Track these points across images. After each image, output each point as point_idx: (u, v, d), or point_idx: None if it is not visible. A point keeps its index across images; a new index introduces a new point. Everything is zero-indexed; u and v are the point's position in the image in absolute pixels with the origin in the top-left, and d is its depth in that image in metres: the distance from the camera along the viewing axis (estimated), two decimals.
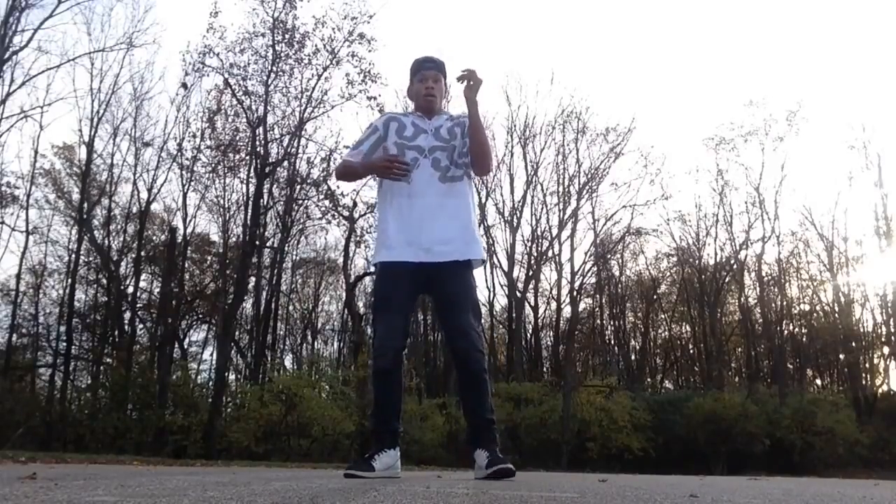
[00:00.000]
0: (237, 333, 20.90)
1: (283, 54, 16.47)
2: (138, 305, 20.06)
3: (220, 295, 18.76)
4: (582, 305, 25.19)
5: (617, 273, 27.36)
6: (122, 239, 19.89)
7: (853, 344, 23.68)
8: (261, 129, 16.32)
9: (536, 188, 23.01)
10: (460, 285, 2.86)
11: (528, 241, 23.04)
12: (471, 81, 2.90)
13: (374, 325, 2.89)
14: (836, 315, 24.51)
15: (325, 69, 16.53)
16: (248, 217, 17.48)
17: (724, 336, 25.21)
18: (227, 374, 18.38)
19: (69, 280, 18.80)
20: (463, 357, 2.81)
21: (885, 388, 23.45)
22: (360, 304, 23.29)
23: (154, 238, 21.35)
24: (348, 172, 3.07)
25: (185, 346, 22.02)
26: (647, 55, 39.31)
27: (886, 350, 23.94)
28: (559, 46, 38.52)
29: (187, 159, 18.27)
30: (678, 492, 2.18)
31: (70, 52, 19.27)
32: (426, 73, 3.06)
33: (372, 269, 3.02)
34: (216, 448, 14.48)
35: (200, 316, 22.45)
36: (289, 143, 17.18)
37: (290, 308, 26.18)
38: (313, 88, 16.69)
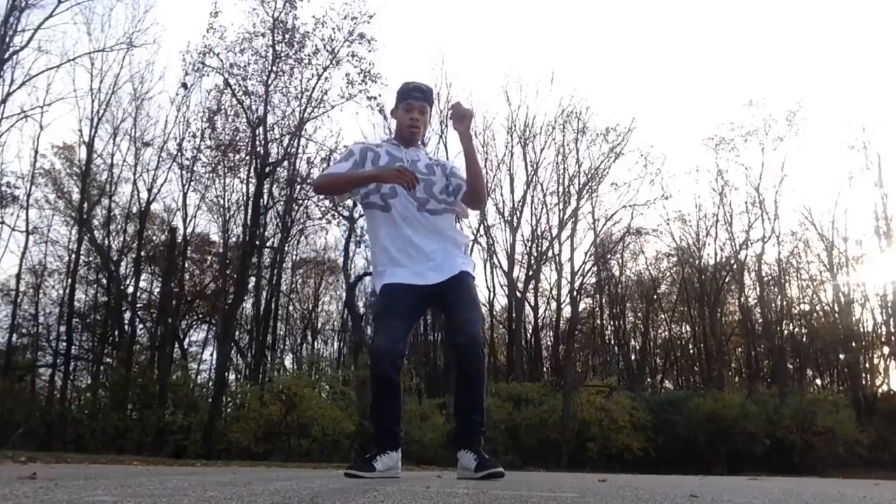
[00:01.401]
0: (237, 333, 20.90)
1: (283, 54, 16.50)
2: (138, 305, 20.06)
3: (220, 295, 18.77)
4: (582, 305, 25.20)
5: (617, 273, 27.38)
6: (122, 239, 19.91)
7: (853, 344, 23.66)
8: (261, 129, 16.34)
9: (536, 188, 23.01)
10: (462, 289, 2.87)
11: (528, 241, 23.04)
12: (460, 114, 2.89)
13: (374, 333, 2.87)
14: (836, 315, 24.50)
15: (325, 69, 16.56)
16: (248, 217, 17.50)
17: (724, 336, 25.19)
18: (227, 374, 18.38)
19: (69, 280, 18.82)
20: (464, 351, 2.77)
21: (885, 388, 23.45)
22: (360, 303, 23.31)
23: (154, 238, 21.36)
24: (334, 182, 3.00)
25: (185, 346, 22.03)
26: (648, 55, 39.34)
27: (886, 350, 23.93)
28: (559, 46, 38.55)
29: (187, 159, 18.29)
30: (678, 492, 2.18)
31: (70, 52, 19.16)
32: (413, 104, 2.99)
33: (369, 272, 3.06)
34: (216, 448, 14.49)
35: (200, 316, 22.45)
36: (289, 143, 17.21)
37: (290, 308, 26.18)
38: (313, 88, 16.72)
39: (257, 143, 16.44)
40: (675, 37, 39.70)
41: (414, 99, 2.99)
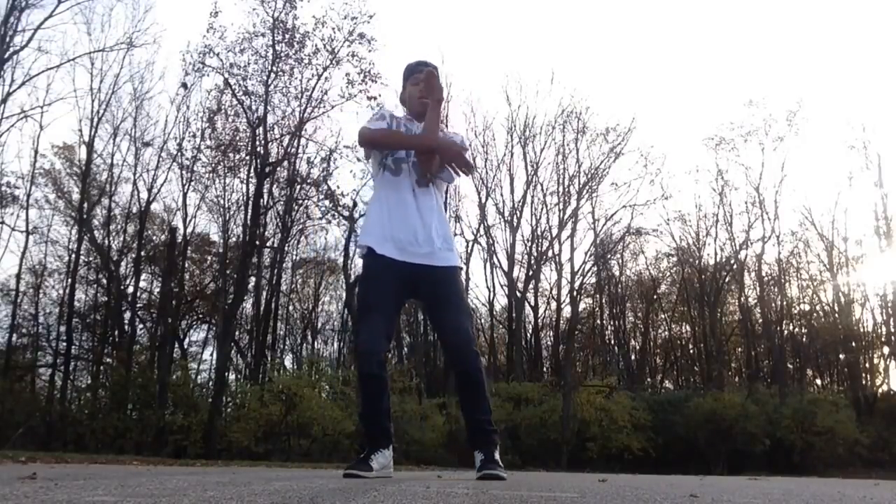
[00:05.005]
0: (237, 333, 20.89)
1: (283, 54, 16.48)
2: (138, 305, 20.05)
3: (220, 295, 18.75)
4: (582, 305, 25.18)
5: (617, 273, 27.38)
6: (122, 239, 19.89)
7: (853, 344, 23.66)
8: (261, 129, 16.33)
9: (536, 188, 23.01)
10: (451, 287, 2.90)
11: (528, 241, 23.03)
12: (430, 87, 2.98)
13: (359, 326, 2.87)
14: (836, 315, 24.49)
15: (325, 69, 16.54)
16: (248, 217, 17.47)
17: (724, 336, 25.19)
18: (227, 374, 18.36)
19: (69, 280, 18.79)
20: (457, 355, 2.83)
21: (885, 388, 23.44)
22: None
23: (154, 238, 21.35)
24: (386, 138, 2.96)
25: (185, 346, 22.02)
26: (648, 55, 39.36)
27: (886, 350, 23.92)
28: (559, 46, 38.56)
29: (187, 159, 18.26)
30: (678, 492, 2.18)
31: (70, 52, 19.15)
32: (420, 77, 3.04)
33: (358, 251, 3.05)
34: (216, 448, 14.48)
35: (200, 316, 22.45)
36: (289, 143, 17.19)
37: (290, 308, 26.16)
38: (313, 88, 16.70)
39: (257, 143, 16.43)
40: (675, 37, 39.74)
41: (421, 73, 3.04)
